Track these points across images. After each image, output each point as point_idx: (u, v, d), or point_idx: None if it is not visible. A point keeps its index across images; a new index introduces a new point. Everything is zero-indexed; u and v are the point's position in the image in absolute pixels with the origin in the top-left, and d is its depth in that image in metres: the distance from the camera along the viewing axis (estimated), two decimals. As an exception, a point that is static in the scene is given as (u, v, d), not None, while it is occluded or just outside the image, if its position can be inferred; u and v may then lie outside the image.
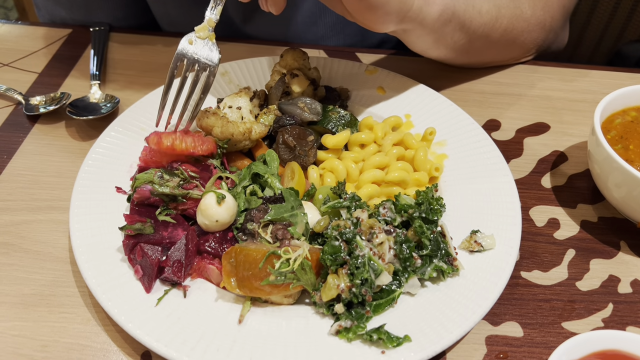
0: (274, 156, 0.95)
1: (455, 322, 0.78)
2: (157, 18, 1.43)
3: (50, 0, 1.40)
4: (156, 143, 0.92)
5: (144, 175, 0.89)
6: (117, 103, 1.14)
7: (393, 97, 1.14)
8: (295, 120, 1.01)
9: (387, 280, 0.80)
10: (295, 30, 1.36)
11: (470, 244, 0.87)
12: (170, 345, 0.75)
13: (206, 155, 0.95)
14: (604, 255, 0.94)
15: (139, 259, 0.83)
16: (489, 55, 1.23)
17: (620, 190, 0.92)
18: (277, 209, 0.86)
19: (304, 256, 0.79)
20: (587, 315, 0.86)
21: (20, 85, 1.21)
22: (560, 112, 1.19)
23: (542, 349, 0.82)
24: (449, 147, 1.04)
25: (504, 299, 0.87)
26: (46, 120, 1.14)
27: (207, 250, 0.86)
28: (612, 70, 1.30)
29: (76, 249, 0.84)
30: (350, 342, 0.77)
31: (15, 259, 0.90)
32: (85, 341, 0.81)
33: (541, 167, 1.08)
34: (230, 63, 1.18)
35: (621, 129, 0.99)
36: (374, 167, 0.99)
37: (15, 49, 1.31)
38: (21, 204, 0.98)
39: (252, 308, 0.81)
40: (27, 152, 1.08)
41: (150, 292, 0.81)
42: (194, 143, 0.93)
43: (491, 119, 1.17)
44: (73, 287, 0.87)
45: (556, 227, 0.98)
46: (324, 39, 1.38)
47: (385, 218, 0.86)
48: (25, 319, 0.83)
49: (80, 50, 1.31)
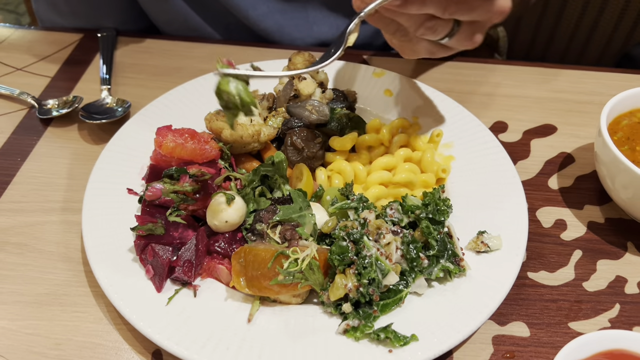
0: (283, 158, 0.96)
1: (462, 321, 0.79)
2: (153, 19, 1.42)
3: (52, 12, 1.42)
4: (158, 145, 0.94)
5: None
6: (128, 107, 1.16)
7: (400, 99, 1.15)
8: (304, 122, 1.03)
9: (394, 280, 0.81)
10: (317, 35, 1.39)
11: (477, 245, 0.88)
12: (180, 344, 0.76)
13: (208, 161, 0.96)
14: (610, 256, 0.95)
15: (150, 259, 0.84)
16: None
17: (627, 191, 0.92)
18: (285, 210, 0.88)
19: (312, 256, 0.80)
20: (594, 315, 0.87)
21: (34, 89, 1.24)
22: (568, 114, 1.20)
23: (549, 348, 0.82)
24: (456, 149, 1.05)
25: (511, 299, 0.88)
26: (59, 123, 1.16)
27: (216, 250, 0.87)
28: (620, 72, 1.31)
29: (89, 249, 0.86)
30: (357, 341, 0.78)
31: (29, 259, 0.92)
32: (98, 339, 0.82)
33: (548, 168, 1.09)
34: (239, 66, 1.20)
35: (628, 131, 1.00)
36: (381, 168, 1.00)
37: (28, 54, 1.33)
38: (35, 205, 1.00)
39: (261, 307, 0.82)
40: (40, 154, 1.10)
41: (161, 292, 0.83)
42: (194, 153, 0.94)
43: (498, 121, 1.18)
44: (85, 286, 0.88)
45: (563, 228, 0.99)
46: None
47: (393, 219, 0.87)
48: (39, 317, 0.85)
49: (91, 54, 1.33)
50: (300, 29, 1.38)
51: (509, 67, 1.31)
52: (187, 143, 0.95)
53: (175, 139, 0.95)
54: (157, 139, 0.95)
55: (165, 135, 0.95)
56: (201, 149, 0.95)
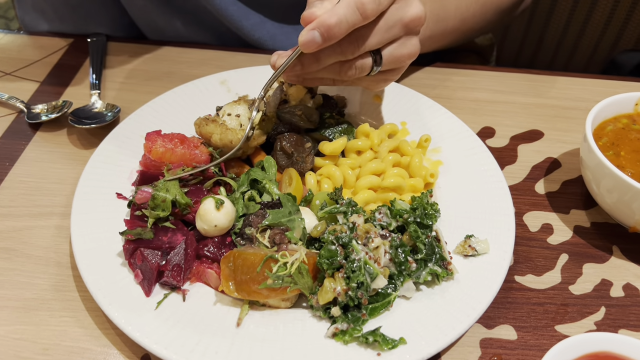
0: (272, 162, 0.97)
1: (450, 325, 0.79)
2: (142, 27, 1.42)
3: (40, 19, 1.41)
4: (148, 150, 0.95)
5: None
6: (118, 112, 1.16)
7: (389, 105, 1.16)
8: (293, 127, 1.03)
9: (382, 284, 0.81)
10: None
11: (465, 249, 0.89)
12: (169, 348, 0.76)
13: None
14: (596, 259, 0.96)
15: (139, 263, 0.84)
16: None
17: (612, 195, 0.94)
18: (274, 214, 0.88)
19: (301, 260, 0.81)
20: (580, 318, 0.87)
21: (23, 94, 1.23)
22: (554, 120, 1.21)
23: (536, 351, 0.83)
24: (444, 154, 1.06)
25: (498, 303, 0.88)
26: (48, 128, 1.16)
27: (206, 254, 0.87)
28: (605, 79, 1.32)
29: (77, 254, 0.86)
30: (346, 344, 0.78)
31: (17, 264, 0.92)
32: (86, 344, 0.82)
33: (535, 173, 1.10)
34: (229, 72, 1.20)
35: (613, 136, 1.01)
36: (370, 173, 1.01)
37: (17, 58, 1.33)
38: (23, 210, 1.00)
39: (250, 311, 0.82)
40: (29, 159, 1.09)
41: (150, 296, 0.83)
42: (183, 158, 0.95)
43: (486, 127, 1.19)
44: (74, 291, 0.88)
45: (550, 232, 1.00)
46: None
47: (381, 223, 0.88)
48: (27, 322, 0.84)
49: (81, 59, 1.33)
50: (292, 37, 1.39)
51: (497, 74, 1.32)
52: (177, 148, 0.96)
53: (164, 144, 0.95)
54: (146, 144, 0.96)
55: (155, 141, 0.95)
56: (191, 153, 0.96)
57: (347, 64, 0.90)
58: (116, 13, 1.38)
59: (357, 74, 0.92)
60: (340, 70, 0.91)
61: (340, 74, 0.91)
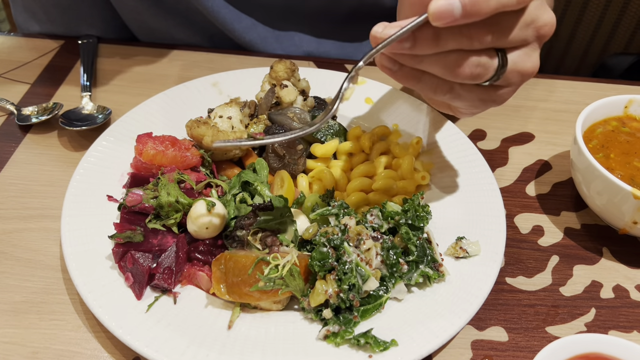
0: (264, 164, 0.97)
1: (441, 326, 0.80)
2: (133, 29, 1.41)
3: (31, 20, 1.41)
4: (139, 152, 0.94)
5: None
6: (109, 114, 1.16)
7: (381, 107, 1.16)
8: (285, 129, 1.03)
9: (374, 286, 0.81)
10: (304, 47, 1.40)
11: (456, 250, 0.89)
12: (160, 351, 0.76)
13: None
14: (586, 261, 0.96)
15: (129, 266, 0.84)
16: None
17: (602, 197, 0.94)
18: (266, 217, 0.88)
19: (292, 262, 0.81)
20: (571, 319, 0.88)
21: (13, 96, 1.22)
22: (545, 122, 1.22)
23: (527, 352, 0.83)
24: (435, 156, 1.06)
25: (489, 304, 0.89)
26: (38, 130, 1.15)
27: (197, 257, 0.87)
28: (595, 82, 1.33)
29: (67, 256, 0.85)
30: (338, 346, 0.78)
31: (6, 267, 0.91)
32: (76, 348, 0.81)
33: (526, 175, 1.11)
34: (220, 74, 1.20)
35: (602, 138, 1.02)
36: (361, 175, 1.01)
37: (8, 60, 1.32)
38: (13, 212, 0.99)
39: (241, 314, 0.82)
40: (19, 161, 1.09)
41: (140, 299, 0.82)
42: (174, 160, 0.94)
43: (477, 129, 1.20)
44: (64, 294, 0.88)
45: (540, 234, 1.00)
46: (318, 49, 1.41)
47: (373, 225, 0.88)
48: (16, 326, 0.83)
49: (72, 61, 1.32)
50: (283, 41, 1.39)
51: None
52: (168, 150, 0.95)
53: (155, 147, 0.95)
54: (137, 146, 0.95)
55: (146, 143, 0.95)
56: (182, 156, 0.95)
57: (468, 58, 0.71)
58: (107, 15, 1.37)
59: (475, 74, 0.72)
60: (457, 63, 0.71)
61: (455, 69, 0.71)
